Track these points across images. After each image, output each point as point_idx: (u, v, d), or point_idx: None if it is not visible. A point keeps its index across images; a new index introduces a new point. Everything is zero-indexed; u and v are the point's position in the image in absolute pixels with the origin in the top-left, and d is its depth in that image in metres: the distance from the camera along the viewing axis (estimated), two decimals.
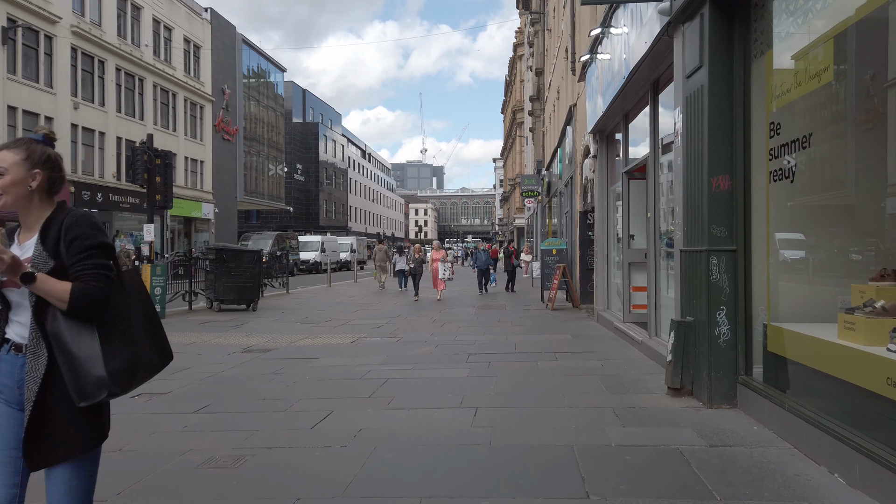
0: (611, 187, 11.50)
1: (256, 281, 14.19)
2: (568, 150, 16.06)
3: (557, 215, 22.35)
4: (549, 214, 26.08)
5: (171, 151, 12.98)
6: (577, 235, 14.76)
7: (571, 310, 14.37)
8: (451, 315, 13.56)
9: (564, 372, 7.03)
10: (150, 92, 34.86)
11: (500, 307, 15.32)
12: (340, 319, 12.89)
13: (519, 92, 62.43)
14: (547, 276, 16.12)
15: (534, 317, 13.10)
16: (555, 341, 9.51)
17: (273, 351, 9.03)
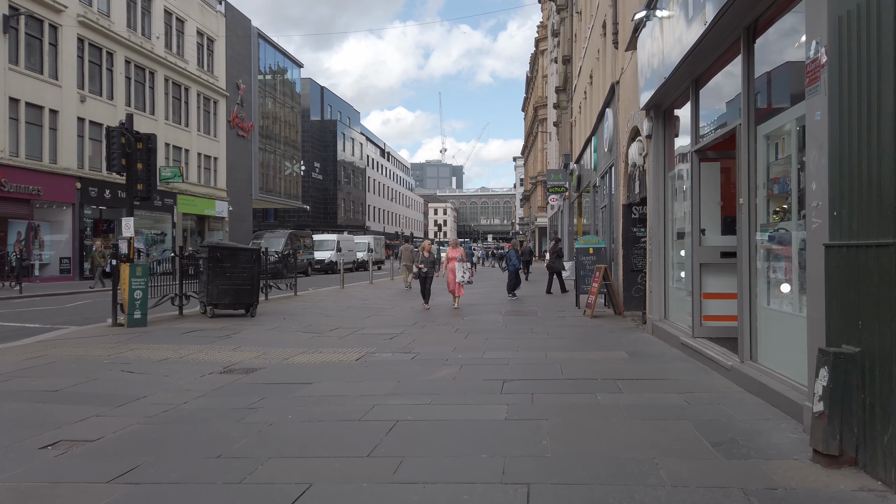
0: (669, 173, 9.52)
1: (255, 283, 12.42)
2: (607, 137, 14.08)
3: (589, 212, 20.35)
4: (578, 211, 24.04)
5: (153, 134, 11.20)
6: (619, 232, 12.77)
7: (614, 317, 12.38)
8: (475, 323, 11.66)
9: (639, 413, 5.10)
10: (162, 86, 33.46)
11: (531, 313, 13.38)
12: (349, 327, 11.07)
13: (541, 88, 60.38)
14: (583, 279, 14.14)
15: (572, 326, 11.15)
16: (609, 362, 7.55)
17: (259, 372, 7.20)
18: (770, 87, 5.96)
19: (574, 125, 25.60)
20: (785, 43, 5.60)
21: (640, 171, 11.23)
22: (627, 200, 12.51)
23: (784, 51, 5.61)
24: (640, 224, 12.58)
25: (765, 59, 5.98)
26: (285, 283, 17.78)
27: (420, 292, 14.62)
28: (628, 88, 11.69)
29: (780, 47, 5.71)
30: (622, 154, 12.49)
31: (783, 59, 5.64)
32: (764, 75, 6.01)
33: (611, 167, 14.47)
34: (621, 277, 12.76)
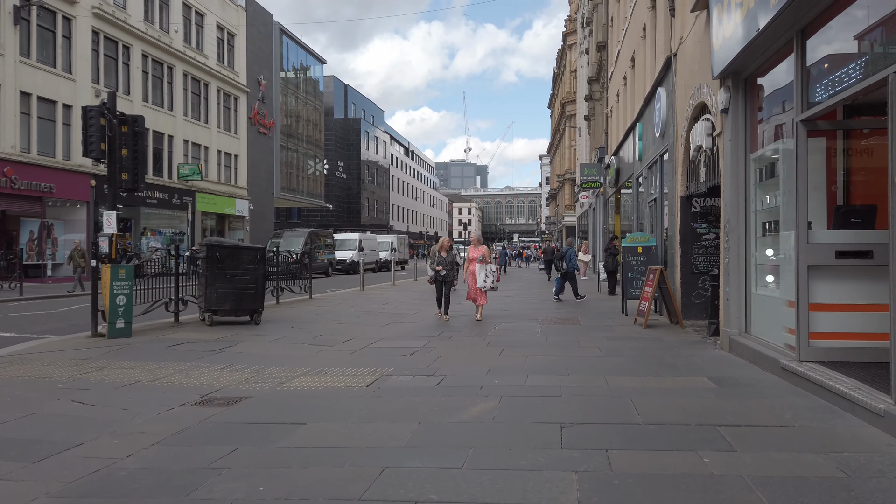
0: (752, 155, 7.70)
1: (260, 286, 10.88)
2: (658, 119, 12.25)
3: (629, 208, 18.48)
4: (616, 208, 22.13)
5: (140, 116, 9.73)
6: (676, 228, 10.95)
7: (671, 328, 10.56)
8: (510, 334, 9.95)
9: (782, 495, 3.35)
10: (180, 81, 32.34)
11: (572, 321, 11.61)
12: (364, 338, 9.45)
13: (569, 83, 58.31)
14: (631, 281, 12.33)
15: (626, 339, 9.36)
16: (694, 393, 5.79)
17: (243, 403, 5.61)
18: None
19: (610, 116, 23.69)
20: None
21: (706, 156, 9.40)
22: (687, 191, 10.68)
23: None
24: (702, 219, 10.74)
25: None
26: (300, 286, 16.25)
27: (436, 299, 12.16)
28: (691, 59, 9.86)
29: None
30: (680, 137, 10.66)
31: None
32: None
33: (661, 155, 12.63)
34: (678, 281, 10.93)
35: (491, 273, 11.75)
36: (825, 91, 5.79)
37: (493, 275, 11.79)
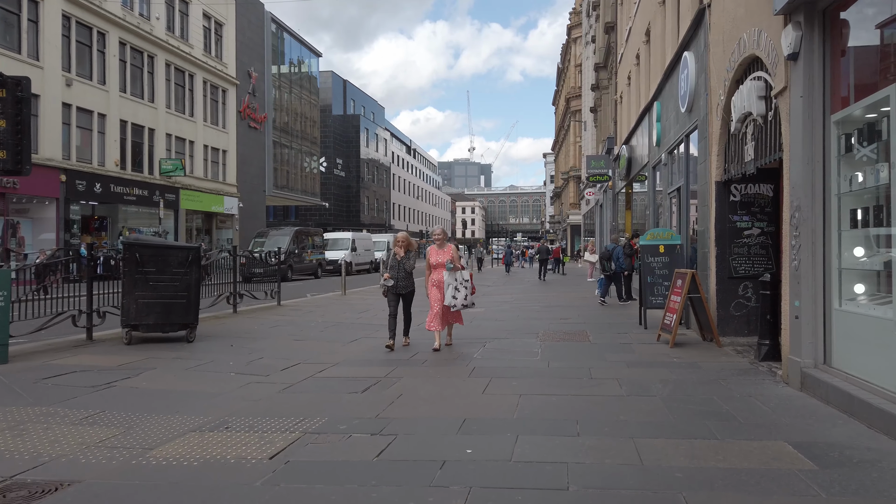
0: (833, 117, 5.45)
1: (193, 294, 8.66)
2: (685, 91, 9.98)
3: (643, 203, 16.24)
4: (626, 203, 19.84)
5: (25, 78, 7.50)
6: (710, 222, 8.69)
7: (705, 346, 8.31)
8: (501, 356, 7.72)
9: None
10: (163, 71, 30.24)
11: (580, 336, 9.36)
12: (313, 362, 7.26)
13: (573, 78, 56.02)
14: (651, 287, 10.07)
15: (650, 365, 7.12)
16: (781, 483, 3.55)
17: (49, 499, 3.42)
18: None
19: (619, 102, 21.41)
20: None
21: (757, 126, 7.14)
22: (725, 176, 8.41)
23: None
24: (743, 210, 8.48)
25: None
26: (266, 291, 14.05)
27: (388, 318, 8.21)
28: (734, 2, 7.60)
29: None
30: (716, 108, 8.40)
31: None
32: None
33: (687, 135, 10.37)
34: (713, 287, 8.67)
35: (464, 284, 8.07)
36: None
37: (467, 286, 8.08)
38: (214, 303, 11.60)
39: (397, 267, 8.20)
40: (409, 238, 8.44)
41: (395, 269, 8.19)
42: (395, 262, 8.24)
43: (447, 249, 8.34)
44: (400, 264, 8.20)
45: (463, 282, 8.10)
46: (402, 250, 8.27)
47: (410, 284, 8.29)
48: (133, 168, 28.41)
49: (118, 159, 27.32)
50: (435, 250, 8.40)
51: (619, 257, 14.07)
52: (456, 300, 8.04)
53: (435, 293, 8.16)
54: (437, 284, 8.15)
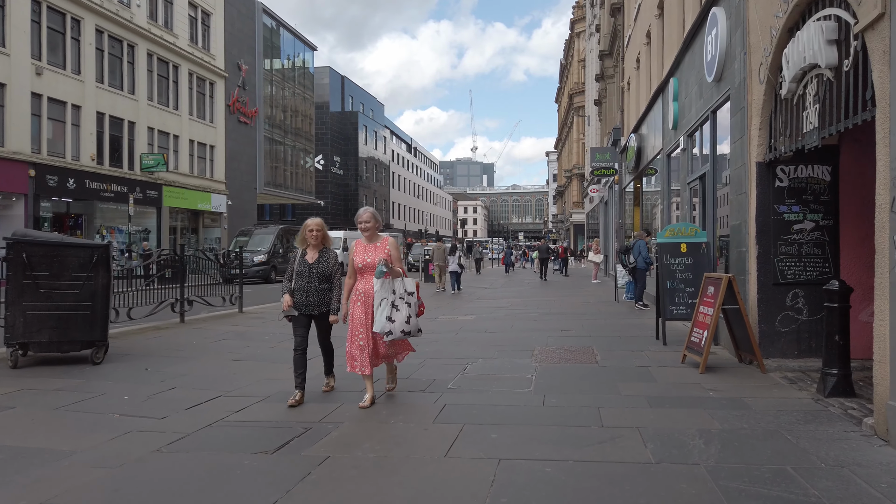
0: None
1: (99, 304, 6.86)
2: (713, 56, 8.11)
3: (657, 197, 14.42)
4: (635, 199, 17.98)
5: None
6: (749, 213, 6.83)
7: (741, 370, 6.46)
8: (482, 385, 5.90)
9: None
10: (144, 61, 28.46)
11: (585, 354, 7.52)
12: (233, 398, 5.47)
13: (577, 74, 54.16)
14: (671, 294, 8.22)
15: (679, 402, 5.27)
16: None
17: None
18: None
19: (627, 89, 19.56)
20: None
21: (823, 83, 5.28)
22: (769, 155, 6.56)
23: None
24: (792, 198, 6.63)
25: None
26: (225, 296, 12.24)
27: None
28: None
29: None
30: (759, 68, 6.55)
31: None
32: None
33: (715, 110, 8.52)
34: (753, 296, 6.81)
35: (406, 300, 5.20)
36: None
37: (411, 303, 5.23)
38: (154, 311, 9.79)
39: (307, 274, 5.29)
40: (323, 227, 5.44)
41: (305, 279, 5.29)
42: (304, 266, 5.32)
43: (381, 244, 5.32)
44: (311, 270, 5.31)
45: (403, 296, 5.18)
46: (315, 249, 5.38)
47: (328, 300, 5.36)
48: (111, 163, 26.66)
49: (94, 154, 25.57)
50: (362, 246, 5.36)
51: (643, 250, 12.23)
52: (392, 325, 5.07)
53: (359, 313, 5.19)
54: (364, 299, 5.21)
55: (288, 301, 5.28)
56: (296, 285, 5.33)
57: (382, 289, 5.13)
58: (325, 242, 5.47)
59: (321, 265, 5.37)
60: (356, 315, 5.24)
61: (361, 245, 5.40)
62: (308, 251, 5.42)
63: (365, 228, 5.35)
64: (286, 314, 5.33)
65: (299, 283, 5.34)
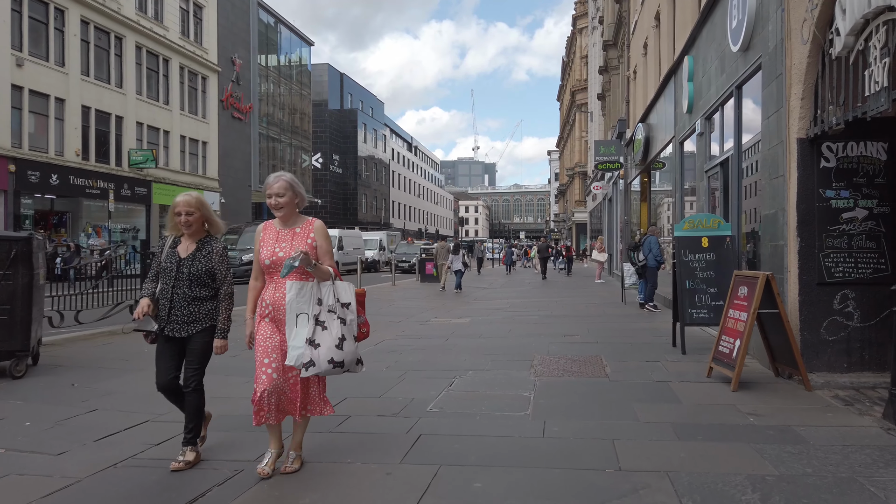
0: None
1: (19, 307, 5.78)
2: (740, 20, 7.00)
3: (673, 187, 13.35)
4: (642, 194, 16.88)
5: None
6: (788, 200, 5.74)
7: (785, 387, 5.37)
8: (471, 408, 4.82)
9: None
10: (132, 54, 27.44)
11: (591, 366, 6.43)
12: (160, 423, 4.42)
13: (579, 71, 53.08)
14: (690, 296, 7.13)
15: (717, 435, 4.18)
16: None
17: None
18: None
19: (633, 77, 18.46)
20: None
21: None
22: (814, 129, 5.46)
23: None
24: (841, 181, 5.55)
25: None
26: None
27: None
28: None
29: None
30: (802, 25, 5.45)
31: None
32: None
33: (740, 85, 7.43)
34: (793, 298, 5.72)
35: (339, 314, 3.41)
36: None
37: (349, 320, 3.45)
38: (108, 314, 8.71)
39: (173, 274, 3.62)
40: (202, 206, 3.66)
41: (170, 280, 3.62)
42: (172, 261, 3.63)
43: (303, 231, 3.53)
44: (181, 269, 3.61)
45: (335, 308, 3.41)
46: (191, 238, 3.66)
47: (204, 315, 3.63)
48: (98, 159, 25.64)
49: (79, 149, 24.54)
50: (273, 232, 3.55)
51: (654, 247, 11.16)
52: (315, 353, 3.30)
53: (267, 333, 3.43)
54: (272, 314, 3.46)
55: (144, 307, 3.52)
56: (160, 289, 3.66)
57: (299, 297, 3.33)
58: (208, 229, 3.72)
59: (197, 262, 3.61)
60: (262, 338, 3.40)
61: (272, 231, 3.55)
62: (182, 240, 3.69)
63: (277, 205, 3.47)
64: (138, 327, 3.62)
65: (163, 286, 3.65)
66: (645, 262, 11.25)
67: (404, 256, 31.60)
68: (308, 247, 3.44)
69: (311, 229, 3.55)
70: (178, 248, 3.68)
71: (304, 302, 3.36)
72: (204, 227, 3.70)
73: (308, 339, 3.31)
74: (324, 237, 3.55)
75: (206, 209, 3.70)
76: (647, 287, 11.59)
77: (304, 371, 3.30)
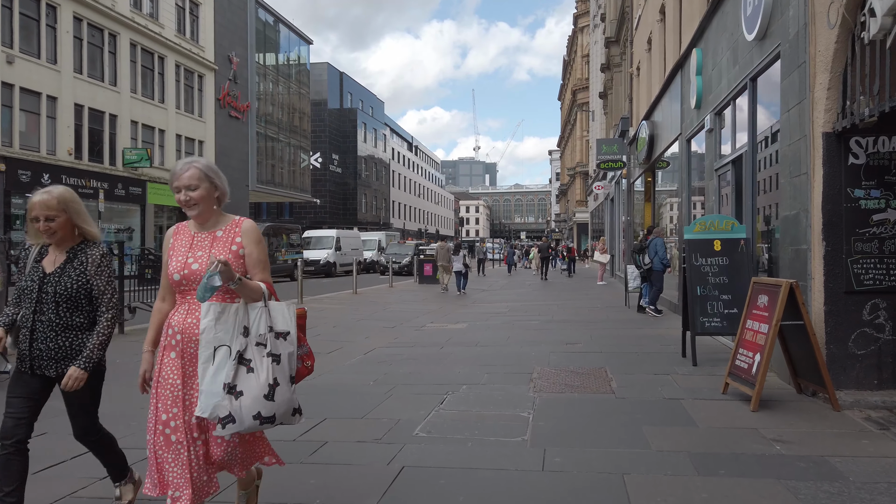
0: None
1: None
2: (756, 8, 6.49)
3: (679, 187, 12.85)
4: (646, 193, 16.37)
5: None
6: (812, 200, 5.22)
7: (810, 406, 4.85)
8: (453, 441, 4.30)
9: None
10: (127, 52, 26.96)
11: (595, 380, 5.92)
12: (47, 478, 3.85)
13: (580, 70, 52.57)
14: (702, 303, 6.61)
15: (742, 469, 3.66)
16: None
17: None
18: None
19: (637, 74, 17.95)
20: None
21: None
22: (841, 123, 4.95)
23: None
24: (871, 180, 5.04)
25: None
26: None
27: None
28: None
29: None
30: (827, 10, 4.93)
31: None
32: None
33: (755, 77, 6.91)
34: (818, 308, 5.20)
35: (271, 348, 2.48)
36: None
37: (282, 353, 2.50)
38: None
39: (35, 294, 2.77)
40: (68, 204, 2.81)
41: (31, 302, 2.78)
42: (34, 278, 2.80)
43: (226, 235, 2.66)
44: (45, 287, 2.78)
45: (265, 340, 2.49)
46: (59, 248, 2.84)
47: (80, 348, 2.79)
48: (91, 158, 25.17)
49: (72, 148, 24.07)
50: (186, 237, 2.69)
51: (661, 250, 10.65)
52: (236, 407, 2.40)
53: (170, 374, 2.53)
54: (181, 347, 2.55)
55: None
56: (21, 315, 2.82)
57: (219, 325, 2.44)
58: (79, 235, 2.87)
59: (66, 278, 2.77)
60: (166, 378, 2.52)
61: (185, 236, 2.68)
62: (50, 251, 2.85)
63: (188, 201, 2.59)
64: None
65: (24, 311, 2.80)
66: (651, 265, 10.73)
67: (395, 257, 29.41)
68: (233, 255, 2.57)
69: (237, 232, 2.64)
70: (43, 262, 2.81)
71: (226, 330, 2.44)
72: (75, 233, 2.84)
73: (227, 385, 2.39)
74: (255, 242, 2.65)
75: (73, 209, 2.80)
76: (652, 290, 11.08)
77: (219, 428, 2.40)
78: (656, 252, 10.68)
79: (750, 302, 5.36)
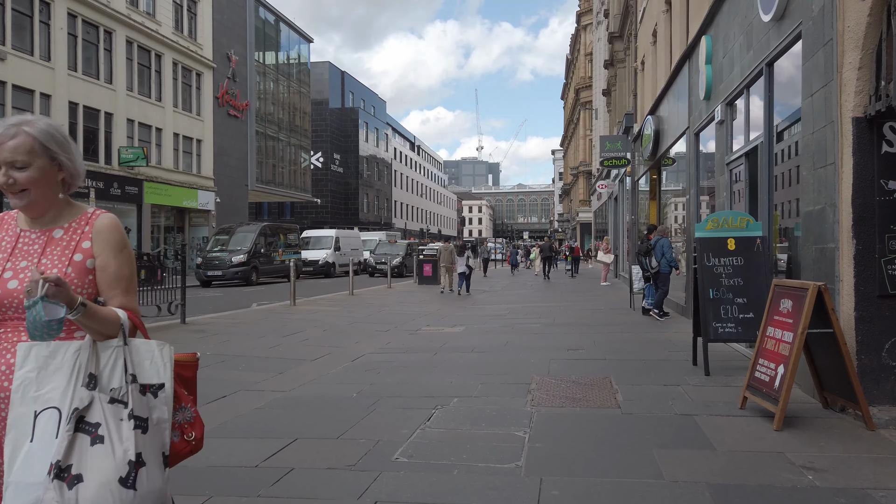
0: None
1: None
2: None
3: (687, 183, 12.31)
4: (651, 192, 15.81)
5: None
6: (840, 194, 4.68)
7: (839, 424, 4.31)
8: (438, 468, 3.78)
9: None
10: (123, 49, 26.51)
11: (599, 392, 5.40)
12: None
13: (584, 68, 52.00)
14: (715, 306, 6.07)
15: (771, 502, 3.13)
16: None
17: None
18: None
19: (642, 68, 17.40)
20: None
21: None
22: (874, 107, 4.40)
23: None
24: None
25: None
26: (170, 304, 10.17)
27: None
28: None
29: None
30: None
31: None
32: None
33: (771, 62, 6.37)
34: (849, 313, 4.66)
35: (133, 408, 1.59)
36: None
37: (156, 417, 1.65)
38: None
39: None
40: None
41: None
42: None
43: (69, 232, 1.79)
44: None
45: (125, 396, 1.61)
46: None
47: None
48: (86, 157, 24.67)
49: None
50: (10, 234, 1.79)
51: (668, 251, 10.13)
52: (69, 499, 1.48)
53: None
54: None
55: None
56: None
57: (43, 375, 1.59)
58: None
59: None
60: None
61: (8, 229, 1.82)
62: None
63: (12, 186, 1.71)
64: None
65: None
66: (658, 268, 10.20)
67: (383, 258, 26.71)
68: (75, 268, 1.73)
69: (86, 233, 1.79)
70: None
71: (55, 384, 1.59)
72: None
73: (57, 466, 1.51)
74: (114, 248, 1.78)
75: None
76: (657, 292, 10.54)
77: None
78: (663, 253, 10.14)
79: (771, 307, 4.82)
